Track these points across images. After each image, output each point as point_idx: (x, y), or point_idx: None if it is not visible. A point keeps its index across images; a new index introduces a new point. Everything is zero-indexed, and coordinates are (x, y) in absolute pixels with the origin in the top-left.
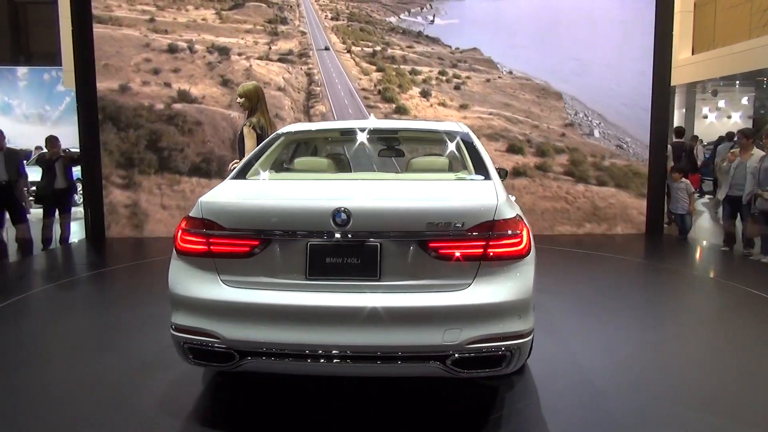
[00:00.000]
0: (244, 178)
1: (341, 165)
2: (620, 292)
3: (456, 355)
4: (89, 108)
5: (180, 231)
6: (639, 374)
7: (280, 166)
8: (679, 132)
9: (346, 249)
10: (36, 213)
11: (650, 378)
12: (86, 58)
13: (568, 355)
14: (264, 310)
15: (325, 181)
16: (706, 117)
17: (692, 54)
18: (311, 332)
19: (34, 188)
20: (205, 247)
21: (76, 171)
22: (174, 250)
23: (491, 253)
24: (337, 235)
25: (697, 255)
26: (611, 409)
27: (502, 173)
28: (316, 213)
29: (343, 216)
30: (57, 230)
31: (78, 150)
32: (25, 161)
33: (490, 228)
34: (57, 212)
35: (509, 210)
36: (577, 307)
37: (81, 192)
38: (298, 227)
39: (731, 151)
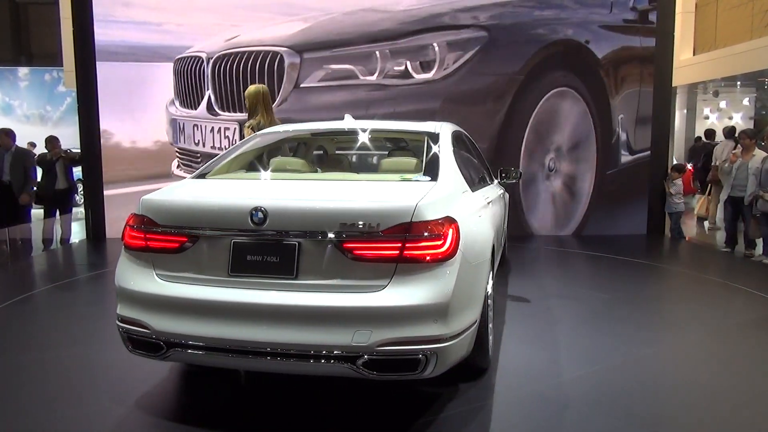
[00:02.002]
0: (203, 178)
1: (309, 165)
2: (617, 294)
3: (366, 356)
4: (90, 108)
5: (126, 227)
6: (614, 387)
7: (246, 166)
8: (709, 134)
9: (266, 247)
10: (36, 213)
11: (620, 392)
12: (87, 58)
13: (547, 362)
14: (188, 304)
15: (255, 181)
16: (707, 118)
17: (693, 55)
18: (230, 327)
19: (34, 188)
20: (143, 243)
21: (77, 171)
22: (123, 245)
23: (408, 255)
24: (256, 234)
25: (698, 256)
26: (564, 424)
27: (515, 174)
28: (235, 212)
29: (260, 215)
30: (58, 231)
31: (79, 150)
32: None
33: (407, 230)
34: (57, 213)
35: (433, 211)
36: (573, 309)
37: (82, 192)
38: (221, 225)
39: (733, 151)
